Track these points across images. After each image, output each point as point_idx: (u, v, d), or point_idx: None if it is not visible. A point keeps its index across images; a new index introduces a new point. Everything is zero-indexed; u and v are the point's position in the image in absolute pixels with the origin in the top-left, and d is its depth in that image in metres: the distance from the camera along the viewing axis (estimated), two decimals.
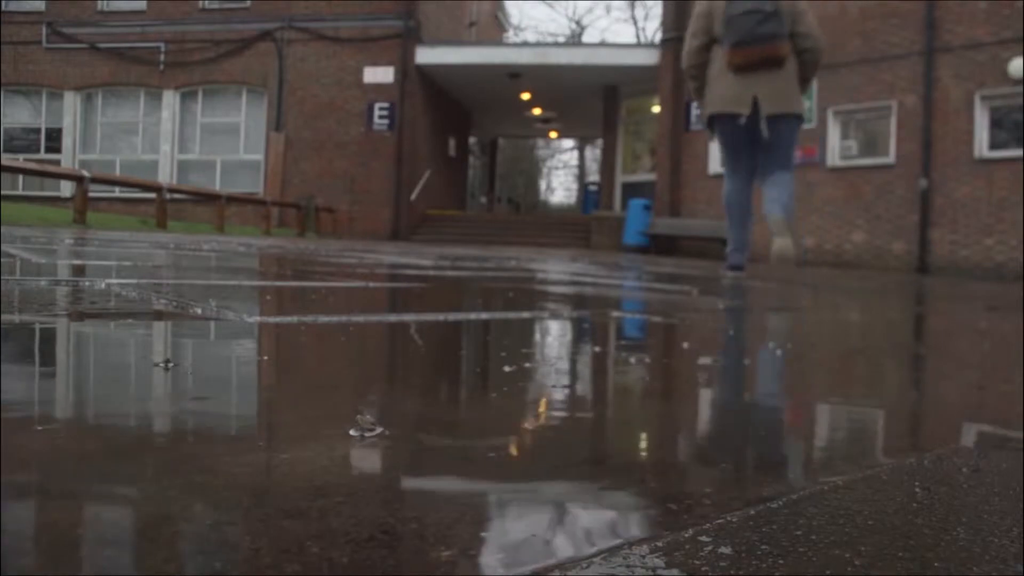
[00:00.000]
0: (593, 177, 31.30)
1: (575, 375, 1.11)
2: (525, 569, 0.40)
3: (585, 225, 16.65)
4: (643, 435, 0.79)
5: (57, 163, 17.38)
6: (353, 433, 0.65)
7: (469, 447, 0.67)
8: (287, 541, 0.42)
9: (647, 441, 0.77)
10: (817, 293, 3.99)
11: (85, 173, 10.08)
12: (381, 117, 16.35)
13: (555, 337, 1.58)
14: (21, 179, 16.91)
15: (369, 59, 16.44)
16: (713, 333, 1.85)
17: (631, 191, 16.36)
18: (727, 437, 0.79)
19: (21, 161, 11.05)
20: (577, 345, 1.50)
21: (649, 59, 15.71)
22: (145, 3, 17.79)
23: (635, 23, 61.78)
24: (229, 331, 1.31)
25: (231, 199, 13.57)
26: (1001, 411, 1.03)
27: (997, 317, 2.95)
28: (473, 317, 1.83)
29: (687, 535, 0.46)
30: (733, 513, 0.50)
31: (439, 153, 18.55)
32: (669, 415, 0.90)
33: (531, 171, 43.60)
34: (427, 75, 16.93)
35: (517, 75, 17.04)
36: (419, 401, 0.87)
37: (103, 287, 1.86)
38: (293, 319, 1.51)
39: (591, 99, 18.08)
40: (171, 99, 17.64)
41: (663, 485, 0.58)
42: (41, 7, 18.11)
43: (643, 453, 0.72)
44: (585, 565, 0.41)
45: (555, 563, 0.41)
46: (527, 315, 1.88)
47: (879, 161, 11.88)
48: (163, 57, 17.53)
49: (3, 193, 13.03)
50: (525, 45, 23.87)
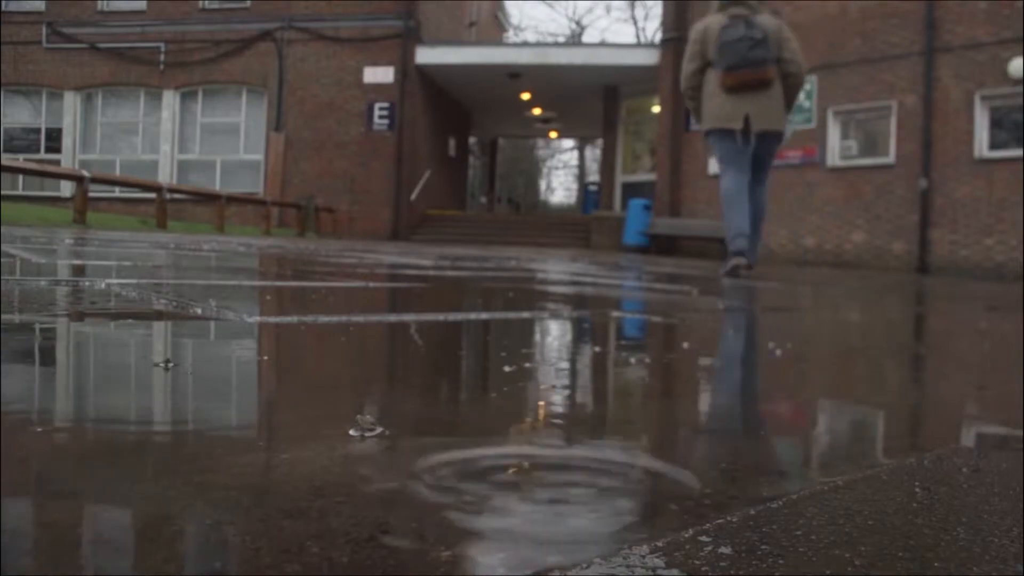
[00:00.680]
0: (593, 177, 31.29)
1: (575, 375, 1.11)
2: (525, 569, 0.40)
3: (585, 225, 16.63)
4: (643, 435, 0.79)
5: (57, 163, 17.37)
6: (353, 433, 0.65)
7: (469, 447, 0.67)
8: (287, 541, 0.42)
9: (647, 441, 0.77)
10: (817, 293, 3.99)
11: (85, 173, 10.08)
12: (381, 117, 16.34)
13: (555, 337, 1.58)
14: (21, 179, 16.91)
15: (369, 59, 16.44)
16: (713, 333, 1.85)
17: (631, 191, 16.35)
18: (727, 437, 0.79)
19: (21, 161, 11.05)
20: (577, 345, 1.50)
21: (649, 59, 15.70)
22: (145, 3, 17.79)
23: (635, 23, 61.80)
24: (229, 331, 1.31)
25: (231, 199, 13.57)
26: (1001, 411, 1.03)
27: (997, 317, 2.95)
28: (473, 317, 1.83)
29: (687, 535, 0.46)
30: (733, 513, 0.50)
31: (439, 153, 18.54)
32: (669, 415, 0.90)
33: (531, 171, 43.58)
34: (427, 75, 16.92)
35: (517, 75, 17.04)
36: (419, 401, 0.87)
37: (103, 287, 1.86)
38: (293, 319, 1.51)
39: (591, 99, 18.07)
40: (171, 99, 17.63)
41: (663, 485, 0.58)
42: (41, 7, 18.10)
43: (643, 453, 0.72)
44: (585, 565, 0.41)
45: (555, 563, 0.41)
46: (527, 315, 1.88)
47: (879, 161, 11.87)
48: (163, 57, 17.52)
49: (3, 193, 13.02)
50: (525, 45, 23.88)
